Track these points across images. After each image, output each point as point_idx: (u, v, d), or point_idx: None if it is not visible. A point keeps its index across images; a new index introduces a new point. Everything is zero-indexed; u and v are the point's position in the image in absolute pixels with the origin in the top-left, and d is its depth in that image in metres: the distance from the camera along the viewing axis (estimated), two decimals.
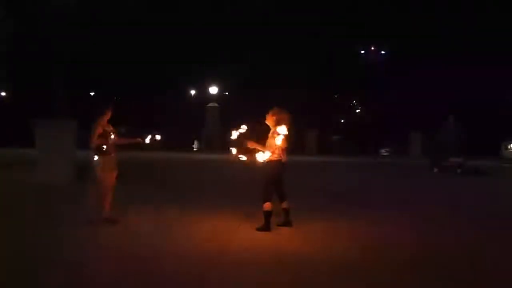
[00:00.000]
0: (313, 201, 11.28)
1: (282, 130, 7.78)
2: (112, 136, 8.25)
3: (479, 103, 41.70)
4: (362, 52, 51.64)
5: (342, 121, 54.79)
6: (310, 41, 43.48)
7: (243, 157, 8.21)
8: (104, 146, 8.07)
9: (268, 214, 7.81)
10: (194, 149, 46.32)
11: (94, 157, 8.17)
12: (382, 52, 51.00)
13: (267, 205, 7.80)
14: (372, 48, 51.33)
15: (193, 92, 51.98)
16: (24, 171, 16.28)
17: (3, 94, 46.60)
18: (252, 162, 8.06)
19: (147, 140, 9.57)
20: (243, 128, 8.28)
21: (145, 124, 39.63)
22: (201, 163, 26.45)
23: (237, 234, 7.69)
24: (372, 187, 15.87)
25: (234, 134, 8.31)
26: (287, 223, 8.13)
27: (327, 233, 7.98)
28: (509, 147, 38.74)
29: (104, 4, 32.89)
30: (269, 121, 7.99)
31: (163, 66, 43.68)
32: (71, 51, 34.59)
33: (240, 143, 8.18)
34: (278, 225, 8.05)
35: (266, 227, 7.77)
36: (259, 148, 7.89)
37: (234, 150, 8.31)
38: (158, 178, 16.97)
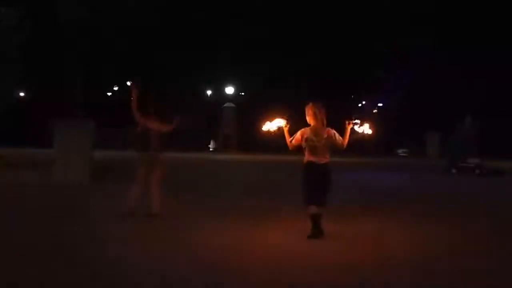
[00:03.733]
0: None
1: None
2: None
3: (500, 102, 41.15)
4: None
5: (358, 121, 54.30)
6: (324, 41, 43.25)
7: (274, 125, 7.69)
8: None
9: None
10: (210, 149, 46.35)
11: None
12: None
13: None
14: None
15: (209, 92, 52.10)
16: (42, 170, 16.40)
17: (22, 94, 47.03)
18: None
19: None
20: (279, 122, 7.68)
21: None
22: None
23: None
24: (390, 188, 15.72)
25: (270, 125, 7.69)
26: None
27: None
28: None
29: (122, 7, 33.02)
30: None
31: (179, 65, 43.75)
32: (88, 52, 34.83)
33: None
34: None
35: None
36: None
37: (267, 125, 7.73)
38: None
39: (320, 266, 6.03)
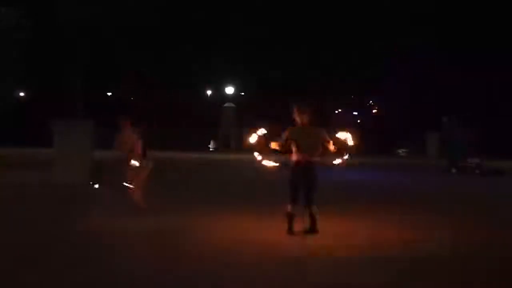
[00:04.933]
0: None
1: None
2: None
3: (499, 102, 41.12)
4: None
5: (358, 121, 54.38)
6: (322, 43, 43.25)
7: (267, 162, 7.83)
8: None
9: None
10: (210, 149, 46.25)
11: None
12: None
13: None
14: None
15: (209, 92, 52.03)
16: (41, 170, 16.41)
17: (22, 94, 47.03)
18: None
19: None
20: (262, 131, 7.71)
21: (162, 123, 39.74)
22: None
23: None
24: (390, 188, 15.71)
25: (253, 137, 7.70)
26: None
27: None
28: None
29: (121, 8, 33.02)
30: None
31: (179, 65, 43.71)
32: (88, 52, 34.83)
33: (260, 145, 7.74)
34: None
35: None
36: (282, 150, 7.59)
37: (258, 156, 7.77)
38: None
39: (319, 265, 6.03)
